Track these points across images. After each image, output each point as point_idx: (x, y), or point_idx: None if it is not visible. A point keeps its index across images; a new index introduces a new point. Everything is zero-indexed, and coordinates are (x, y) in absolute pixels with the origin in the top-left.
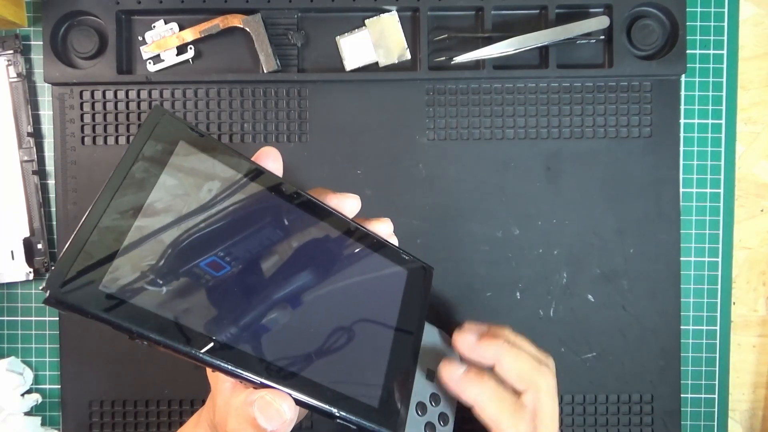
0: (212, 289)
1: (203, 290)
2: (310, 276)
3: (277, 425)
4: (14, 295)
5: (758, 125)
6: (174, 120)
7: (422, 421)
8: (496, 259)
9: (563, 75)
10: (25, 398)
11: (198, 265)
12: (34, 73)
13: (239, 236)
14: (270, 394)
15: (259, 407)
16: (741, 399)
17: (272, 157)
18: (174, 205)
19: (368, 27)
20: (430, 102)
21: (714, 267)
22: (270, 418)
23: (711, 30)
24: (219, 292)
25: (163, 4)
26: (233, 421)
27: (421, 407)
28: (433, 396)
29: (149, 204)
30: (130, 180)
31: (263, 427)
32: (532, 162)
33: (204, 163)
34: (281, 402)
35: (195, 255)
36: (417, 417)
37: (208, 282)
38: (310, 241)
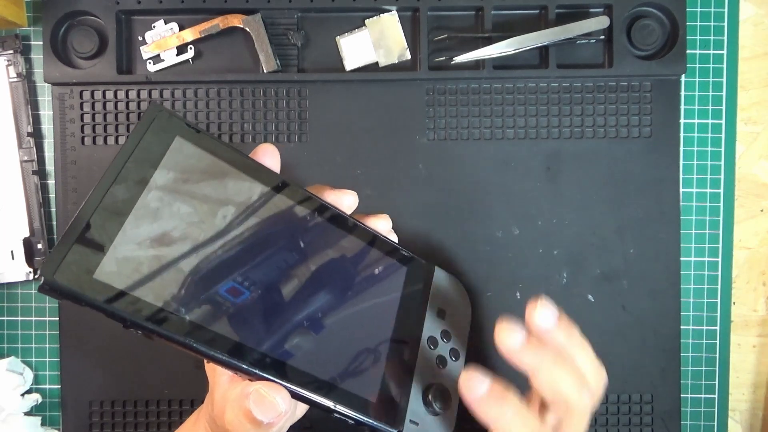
0: (206, 280)
1: (198, 280)
2: (306, 270)
3: (272, 417)
4: (14, 295)
5: (758, 125)
6: (171, 116)
7: (434, 354)
8: (496, 259)
9: (563, 75)
10: (25, 398)
11: (193, 255)
12: (34, 73)
13: (235, 230)
14: (265, 387)
15: (254, 400)
16: (741, 399)
17: (269, 154)
18: (169, 200)
19: (368, 27)
20: (430, 102)
21: (714, 267)
22: (265, 410)
23: (711, 30)
24: (212, 282)
25: (163, 4)
26: (230, 413)
27: (432, 341)
28: (444, 333)
29: (145, 197)
30: (126, 173)
31: (259, 420)
32: (532, 162)
33: (200, 159)
34: (275, 394)
35: (189, 246)
36: (429, 350)
37: (202, 272)
38: (307, 236)
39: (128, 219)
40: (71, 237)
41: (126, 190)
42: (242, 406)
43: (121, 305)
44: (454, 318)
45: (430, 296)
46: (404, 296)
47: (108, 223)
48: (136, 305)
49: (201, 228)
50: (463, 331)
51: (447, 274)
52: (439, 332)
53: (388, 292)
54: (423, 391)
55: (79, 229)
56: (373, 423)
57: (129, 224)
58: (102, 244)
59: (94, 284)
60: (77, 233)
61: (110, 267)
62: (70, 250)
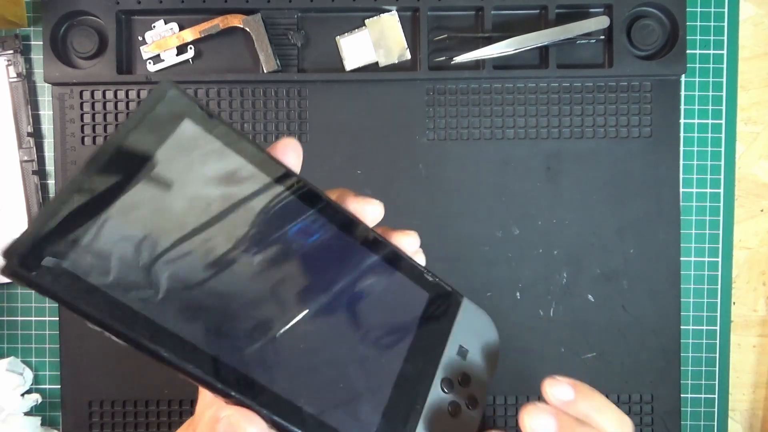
0: (193, 285)
1: (182, 284)
2: (311, 286)
3: None
4: (14, 295)
5: (758, 125)
6: (182, 95)
7: (447, 399)
8: (496, 259)
9: (563, 75)
10: (25, 398)
11: (183, 258)
12: (34, 73)
13: (237, 234)
14: (237, 414)
15: (224, 428)
16: (741, 399)
17: (291, 150)
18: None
19: (368, 27)
20: (430, 102)
21: (714, 267)
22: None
23: (711, 30)
24: (201, 287)
25: (163, 4)
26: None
27: (447, 384)
28: (463, 376)
29: (137, 183)
30: (121, 153)
31: None
32: (532, 162)
33: (211, 147)
34: (247, 425)
35: (181, 246)
36: (442, 393)
37: (190, 276)
38: (320, 248)
39: (114, 206)
40: (44, 219)
41: (117, 173)
42: (213, 430)
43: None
44: (477, 360)
45: (453, 331)
46: (422, 327)
47: (90, 209)
48: (106, 303)
49: (195, 225)
50: (485, 376)
51: (477, 308)
52: (457, 375)
53: (402, 320)
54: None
55: (55, 211)
56: None
57: (113, 213)
58: (78, 231)
59: (62, 274)
60: (51, 215)
61: (84, 258)
62: (41, 234)
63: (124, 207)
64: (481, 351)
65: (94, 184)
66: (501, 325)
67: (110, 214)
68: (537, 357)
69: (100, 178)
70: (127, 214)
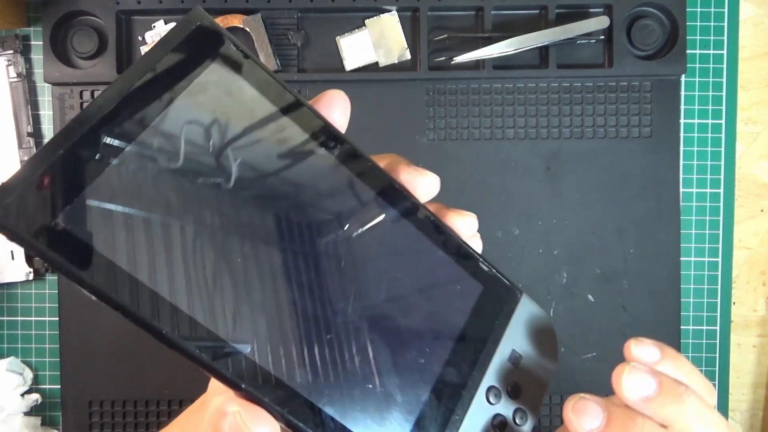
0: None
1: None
2: (343, 265)
3: None
4: (14, 295)
5: (758, 125)
6: (214, 29)
7: (492, 410)
8: (496, 259)
9: (563, 75)
10: (25, 398)
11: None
12: (34, 73)
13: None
14: (245, 412)
15: (230, 426)
16: (741, 399)
17: (337, 104)
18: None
19: (368, 27)
20: (430, 102)
21: (714, 267)
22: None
23: (711, 30)
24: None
25: (163, 4)
26: (205, 427)
27: (494, 394)
28: (514, 386)
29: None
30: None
31: None
32: (532, 162)
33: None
34: (256, 426)
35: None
36: (487, 404)
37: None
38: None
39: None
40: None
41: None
42: (217, 427)
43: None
44: (532, 369)
45: (507, 333)
46: (471, 325)
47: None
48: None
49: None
50: (540, 389)
51: (537, 308)
52: (507, 384)
53: (449, 315)
54: None
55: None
56: None
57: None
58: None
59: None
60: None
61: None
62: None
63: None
64: (536, 358)
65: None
66: None
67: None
68: None
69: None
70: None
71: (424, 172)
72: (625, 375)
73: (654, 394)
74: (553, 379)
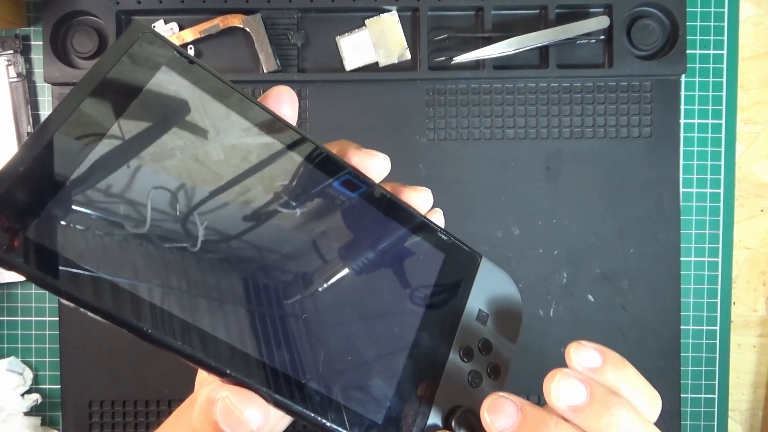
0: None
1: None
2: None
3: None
4: (14, 295)
5: (758, 125)
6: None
7: (466, 368)
8: (496, 259)
9: (563, 75)
10: (25, 398)
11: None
12: (34, 73)
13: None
14: (234, 396)
15: (221, 411)
16: (741, 399)
17: (285, 100)
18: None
19: (368, 27)
20: (430, 102)
21: (714, 267)
22: (232, 425)
23: (711, 30)
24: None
25: (163, 4)
26: (196, 417)
27: (466, 352)
28: (483, 342)
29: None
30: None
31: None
32: (532, 162)
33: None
34: (246, 407)
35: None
36: (461, 363)
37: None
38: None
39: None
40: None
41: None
42: (209, 415)
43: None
44: (499, 325)
45: (471, 294)
46: (437, 291)
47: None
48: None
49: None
50: (509, 343)
51: (496, 269)
52: (477, 341)
53: (416, 284)
54: (445, 415)
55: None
56: None
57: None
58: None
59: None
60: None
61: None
62: None
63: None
64: (502, 315)
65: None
66: None
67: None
68: (537, 357)
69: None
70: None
71: (374, 153)
72: (555, 382)
73: (583, 403)
74: None
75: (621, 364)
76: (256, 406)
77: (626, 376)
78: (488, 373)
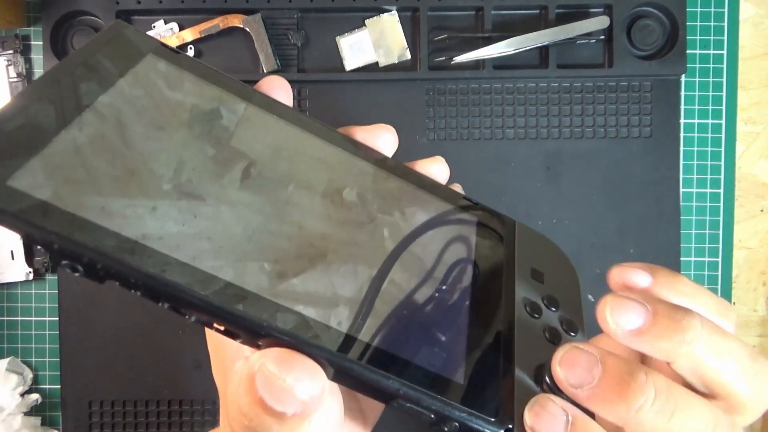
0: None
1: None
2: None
3: (297, 407)
4: (14, 295)
5: (758, 125)
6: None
7: (538, 323)
8: None
9: (563, 75)
10: (25, 398)
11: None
12: (34, 73)
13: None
14: (273, 360)
15: (261, 383)
16: None
17: (277, 87)
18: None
19: (368, 27)
20: (430, 102)
21: (714, 267)
22: (278, 397)
23: (711, 30)
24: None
25: (163, 4)
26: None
27: (533, 308)
28: (548, 298)
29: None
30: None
31: (278, 411)
32: (532, 162)
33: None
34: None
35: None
36: (531, 319)
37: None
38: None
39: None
40: None
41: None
42: (250, 390)
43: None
44: (557, 281)
45: (517, 255)
46: (481, 257)
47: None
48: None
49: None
50: (575, 299)
51: (535, 231)
52: (541, 297)
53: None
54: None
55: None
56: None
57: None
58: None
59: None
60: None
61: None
62: None
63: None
64: (556, 272)
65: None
66: None
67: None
68: None
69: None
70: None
71: (380, 127)
72: (608, 307)
73: (646, 324)
74: None
75: (675, 277)
76: (303, 370)
77: (685, 289)
78: (564, 329)
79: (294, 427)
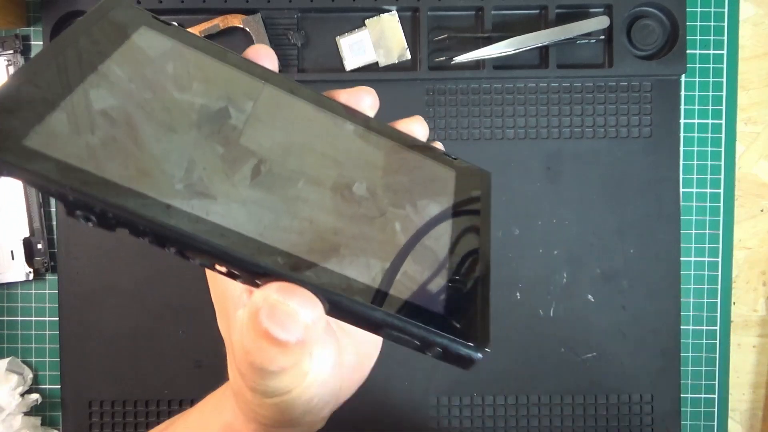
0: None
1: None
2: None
3: (299, 333)
4: (14, 295)
5: (758, 125)
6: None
7: None
8: (496, 259)
9: (563, 75)
10: (25, 398)
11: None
12: None
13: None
14: (276, 289)
15: (266, 313)
16: (741, 399)
17: (263, 56)
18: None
19: (368, 27)
20: (430, 102)
21: (714, 267)
22: (283, 324)
23: (711, 30)
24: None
25: (163, 4)
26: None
27: None
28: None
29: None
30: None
31: (282, 339)
32: (532, 162)
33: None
34: (292, 297)
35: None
36: None
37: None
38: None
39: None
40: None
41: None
42: (254, 325)
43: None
44: None
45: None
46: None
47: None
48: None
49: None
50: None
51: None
52: None
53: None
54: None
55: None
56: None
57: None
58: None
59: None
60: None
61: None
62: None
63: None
64: None
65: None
66: (501, 325)
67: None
68: (537, 357)
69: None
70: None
71: (361, 88)
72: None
73: None
74: (552, 380)
75: None
76: (300, 297)
77: None
78: None
79: (297, 359)
